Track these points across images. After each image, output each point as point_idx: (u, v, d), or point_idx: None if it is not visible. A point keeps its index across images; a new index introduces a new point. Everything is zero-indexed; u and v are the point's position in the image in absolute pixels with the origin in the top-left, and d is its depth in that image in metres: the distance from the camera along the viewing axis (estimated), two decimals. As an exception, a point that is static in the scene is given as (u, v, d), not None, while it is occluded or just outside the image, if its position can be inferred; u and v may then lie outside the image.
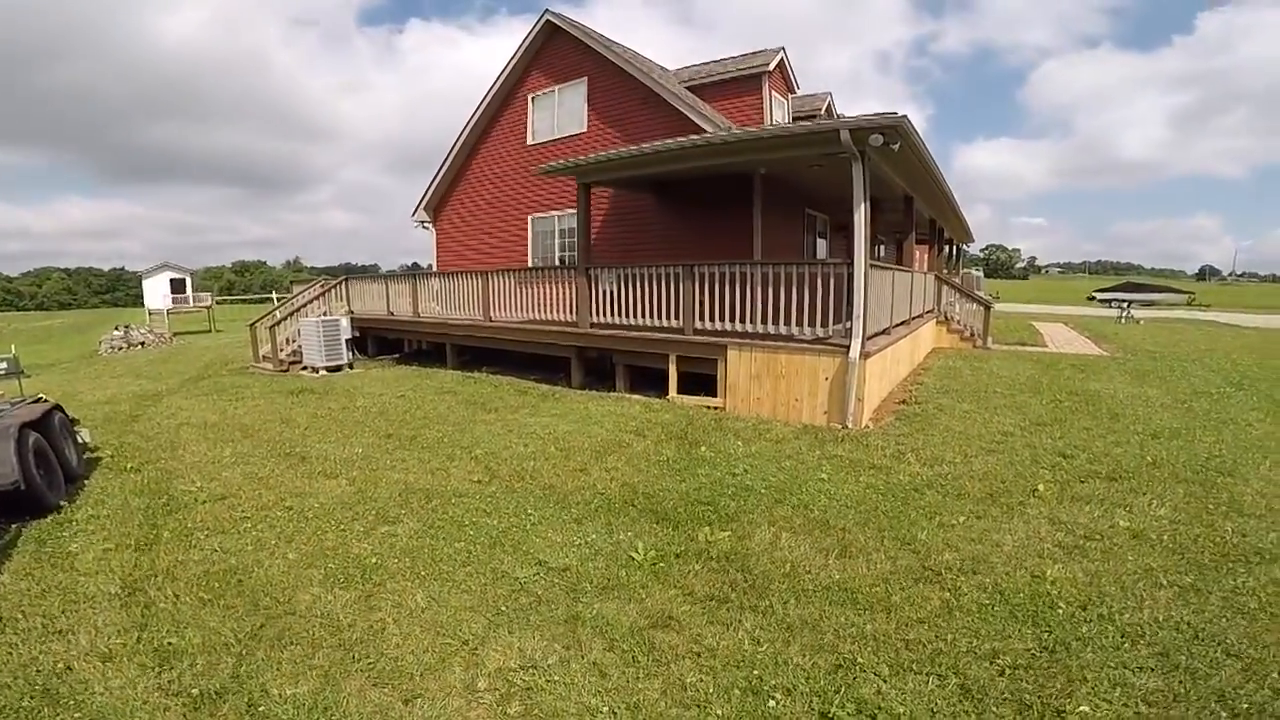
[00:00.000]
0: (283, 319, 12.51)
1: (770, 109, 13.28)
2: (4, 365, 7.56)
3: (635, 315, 8.52)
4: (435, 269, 16.37)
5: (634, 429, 6.73)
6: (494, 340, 10.67)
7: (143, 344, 21.88)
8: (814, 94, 15.44)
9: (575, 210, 10.12)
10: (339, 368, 11.55)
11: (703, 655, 2.79)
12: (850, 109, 13.81)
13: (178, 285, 33.48)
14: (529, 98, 14.25)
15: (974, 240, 25.00)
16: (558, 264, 13.27)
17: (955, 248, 22.29)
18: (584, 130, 13.11)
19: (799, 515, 4.37)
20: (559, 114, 13.72)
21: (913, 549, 3.80)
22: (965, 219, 17.01)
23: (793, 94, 14.68)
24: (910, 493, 4.75)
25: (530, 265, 13.85)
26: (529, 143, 14.31)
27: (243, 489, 5.13)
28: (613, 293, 8.81)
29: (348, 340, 11.83)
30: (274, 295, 36.42)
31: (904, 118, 6.55)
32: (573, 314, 9.33)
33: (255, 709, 2.53)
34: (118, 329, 23.22)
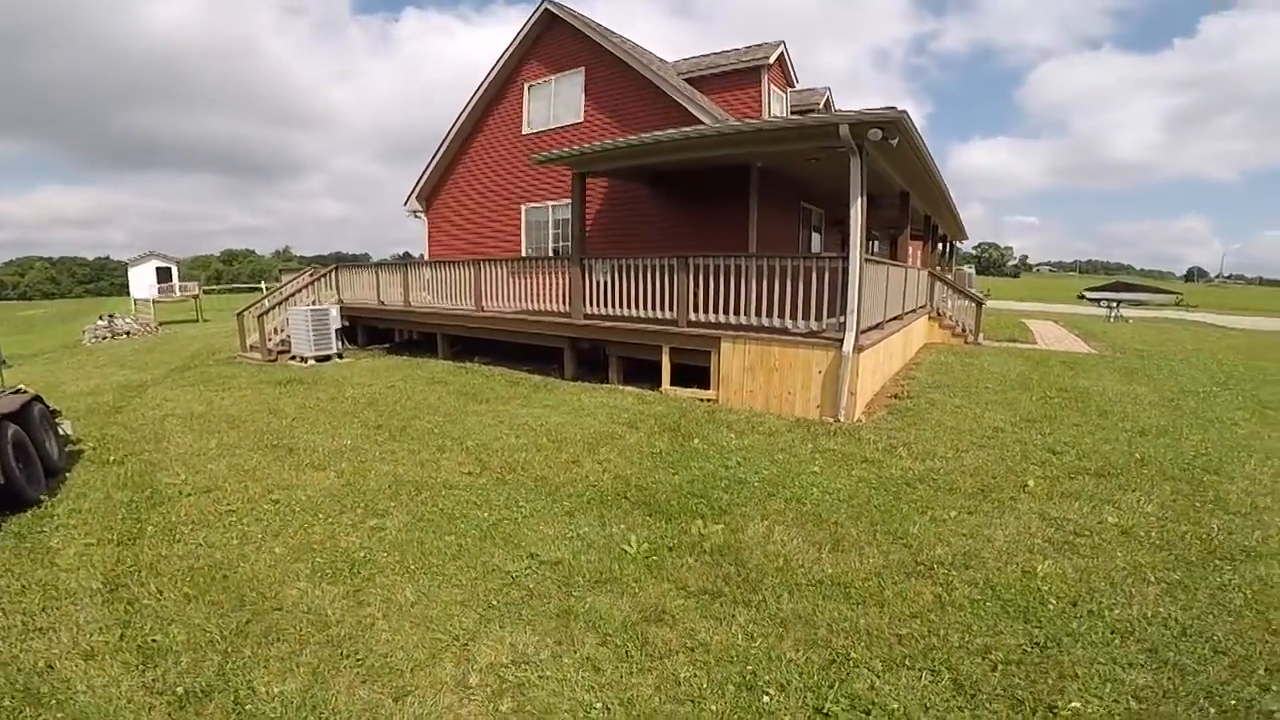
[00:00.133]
0: (271, 308, 12.35)
1: (769, 103, 13.20)
2: None
3: (629, 306, 8.47)
4: (427, 258, 16.23)
5: (627, 421, 6.71)
6: (486, 330, 10.59)
7: (128, 334, 21.60)
8: (812, 89, 15.36)
9: (569, 201, 10.04)
10: (328, 357, 11.43)
11: (696, 650, 2.78)
12: (848, 105, 13.73)
13: (164, 274, 32.98)
14: (525, 87, 14.10)
15: (967, 237, 25.08)
16: (551, 254, 13.18)
17: (948, 244, 22.35)
18: (580, 120, 12.98)
19: (792, 509, 4.36)
20: (555, 104, 13.58)
21: (905, 543, 3.80)
22: (959, 216, 17.04)
23: (792, 88, 14.59)
24: (902, 487, 4.76)
25: (524, 255, 13.75)
26: (524, 132, 14.17)
27: (228, 481, 5.06)
28: (607, 283, 8.75)
29: (337, 330, 11.71)
30: (263, 285, 36.02)
31: (903, 113, 6.53)
32: (566, 305, 9.27)
33: (242, 707, 2.49)
34: (102, 318, 22.92)
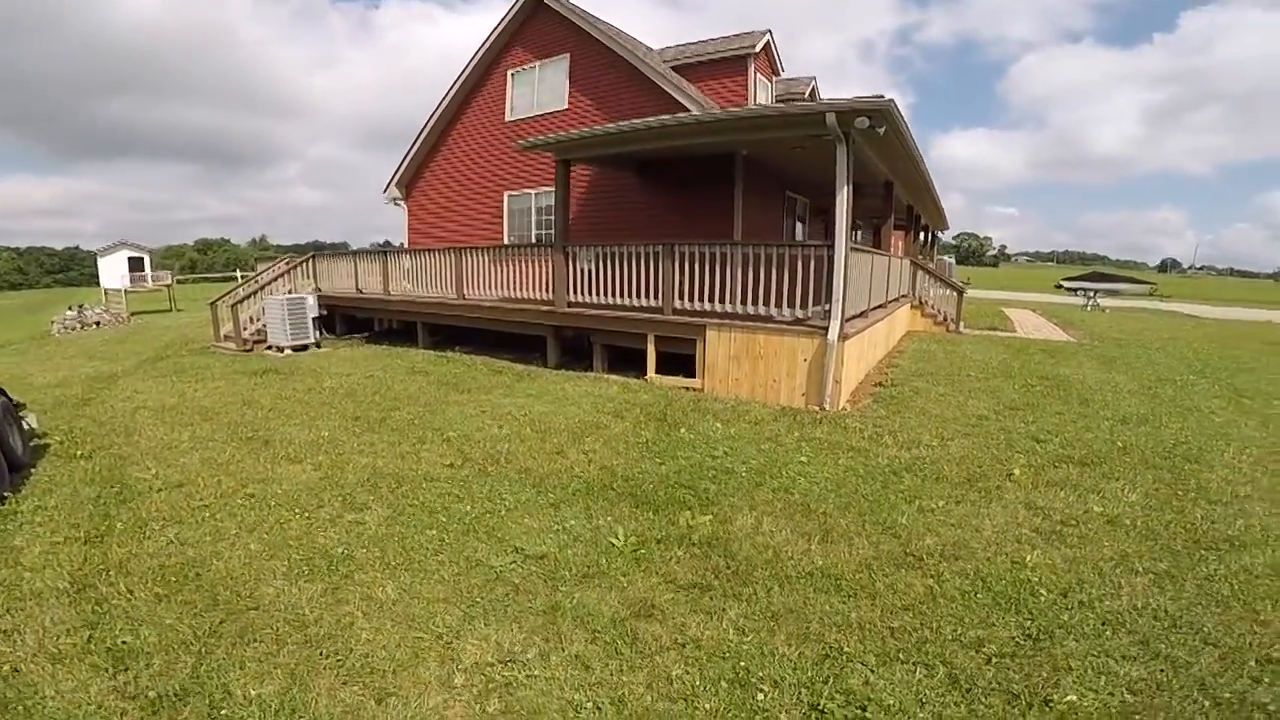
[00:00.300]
0: (245, 297, 12.07)
1: (755, 91, 13.10)
2: None
3: (614, 295, 8.38)
4: (407, 246, 15.95)
5: (612, 410, 6.63)
6: (467, 319, 10.43)
7: (98, 324, 21.05)
8: (798, 78, 15.27)
9: (553, 188, 9.89)
10: (305, 347, 11.20)
11: (687, 646, 2.72)
12: (833, 95, 13.69)
13: (136, 264, 32.06)
14: (509, 73, 13.85)
15: (949, 227, 25.27)
16: (534, 242, 13.01)
17: (930, 234, 22.46)
18: (565, 107, 12.79)
19: (780, 499, 4.32)
20: (539, 90, 13.35)
21: (894, 534, 3.78)
22: (942, 206, 17.13)
23: (777, 77, 14.49)
24: (889, 476, 4.74)
25: (506, 243, 13.55)
26: (507, 119, 13.93)
27: (201, 476, 4.90)
28: (591, 272, 8.64)
29: (314, 319, 11.49)
30: (238, 274, 35.23)
31: (890, 101, 6.49)
32: (549, 293, 9.15)
33: (218, 712, 2.39)
34: (71, 309, 22.30)
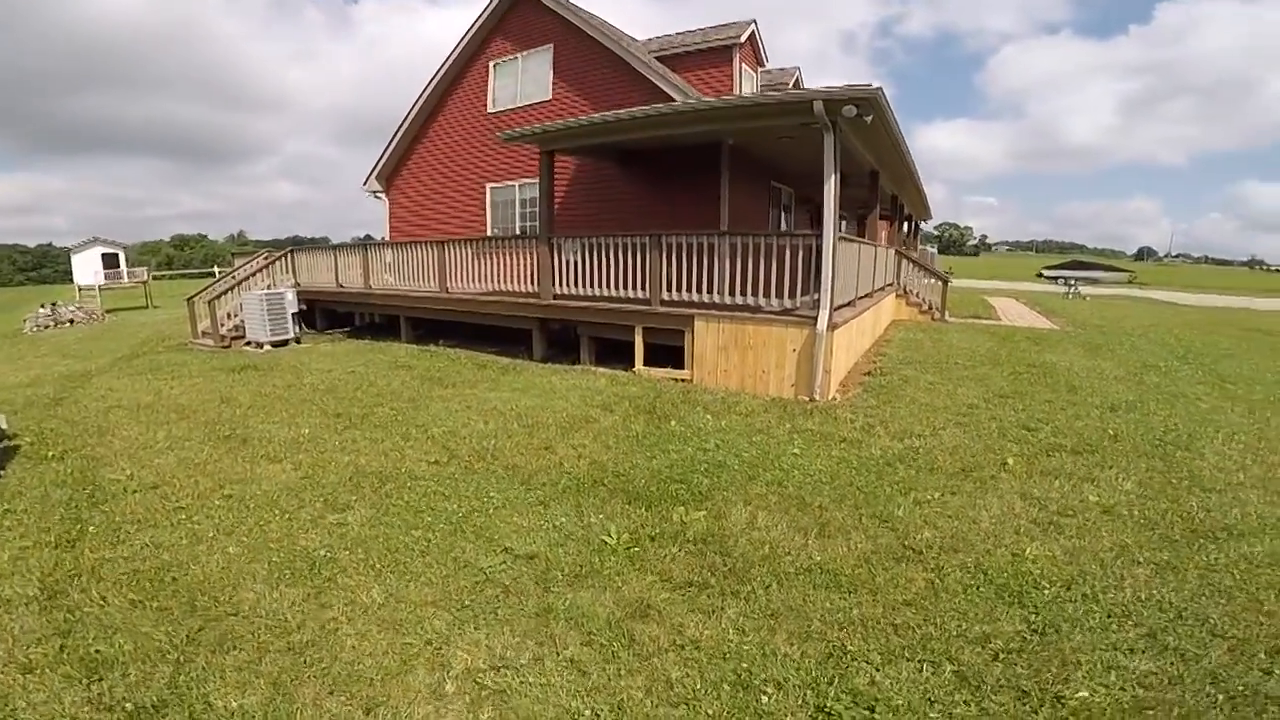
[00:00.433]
0: (223, 292, 11.77)
1: (740, 82, 12.99)
2: None
3: (600, 286, 8.25)
4: (389, 240, 15.68)
5: (600, 403, 6.52)
6: (451, 312, 10.25)
7: (71, 321, 20.50)
8: (783, 69, 15.21)
9: (536, 180, 9.72)
10: (285, 342, 10.96)
11: (686, 648, 2.63)
12: (816, 86, 13.64)
13: (110, 260, 31.29)
14: (491, 65, 13.60)
15: (931, 217, 25.40)
16: (519, 234, 12.82)
17: (913, 224, 22.55)
18: (549, 98, 12.58)
19: (774, 492, 4.25)
20: (523, 81, 13.13)
21: (891, 527, 3.72)
22: (926, 195, 17.16)
23: (762, 68, 14.41)
24: (883, 467, 4.69)
25: (490, 235, 13.35)
26: (490, 110, 13.69)
27: (177, 476, 4.72)
28: (577, 263, 8.50)
29: (294, 314, 11.22)
30: (215, 269, 34.52)
31: (878, 90, 6.40)
32: (535, 285, 9.00)
33: (197, 724, 2.27)
34: (44, 306, 21.69)
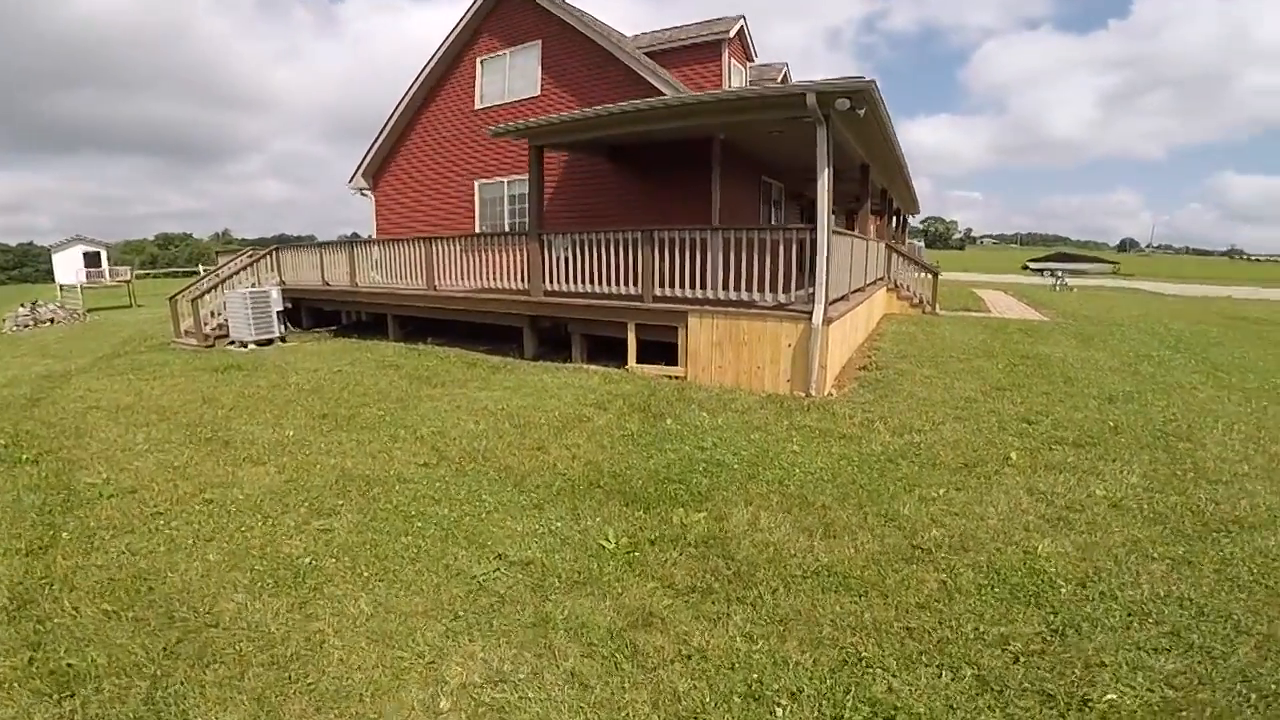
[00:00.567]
0: (206, 291, 11.52)
1: (729, 76, 12.87)
2: None
3: (592, 282, 8.11)
4: (375, 237, 15.43)
5: (594, 402, 6.38)
6: (440, 310, 10.06)
7: (52, 321, 20.09)
8: (771, 64, 15.13)
9: (525, 176, 9.56)
10: (269, 341, 10.72)
11: (693, 658, 2.51)
12: (803, 80, 13.56)
13: (93, 259, 30.73)
14: (478, 61, 13.41)
15: (920, 211, 25.40)
16: (507, 230, 12.64)
17: (901, 218, 22.53)
18: (538, 94, 12.40)
19: (775, 491, 4.14)
20: (510, 77, 12.94)
21: (897, 525, 3.62)
22: (914, 189, 17.14)
23: (751, 63, 14.30)
24: (885, 463, 4.59)
25: (478, 232, 13.16)
26: (477, 107, 13.48)
27: (156, 480, 4.53)
28: (568, 259, 8.35)
29: (279, 312, 11.00)
30: (200, 268, 33.99)
31: (871, 82, 6.31)
32: (525, 282, 8.84)
33: (174, 745, 2.12)
34: (24, 305, 21.24)
